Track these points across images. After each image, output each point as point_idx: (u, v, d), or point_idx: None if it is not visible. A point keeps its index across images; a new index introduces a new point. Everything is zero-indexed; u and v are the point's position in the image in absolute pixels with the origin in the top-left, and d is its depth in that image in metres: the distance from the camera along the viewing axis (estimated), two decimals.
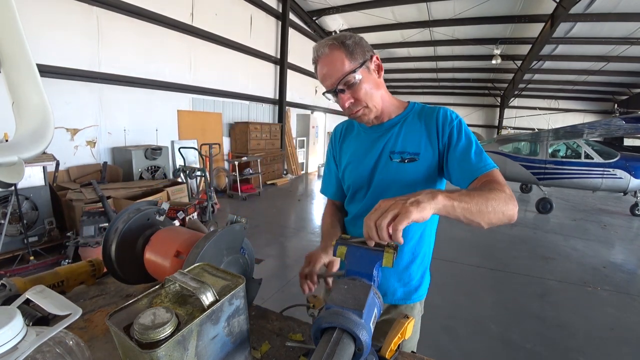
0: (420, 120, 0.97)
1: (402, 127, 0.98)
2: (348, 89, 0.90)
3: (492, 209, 0.72)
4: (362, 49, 0.90)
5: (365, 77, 0.90)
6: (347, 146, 1.10)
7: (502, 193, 0.76)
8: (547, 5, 7.36)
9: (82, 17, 4.51)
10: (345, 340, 0.50)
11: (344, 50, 0.87)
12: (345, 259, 0.71)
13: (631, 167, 6.04)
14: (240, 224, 0.82)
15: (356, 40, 0.90)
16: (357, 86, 0.89)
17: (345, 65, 0.87)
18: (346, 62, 0.87)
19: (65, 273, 0.93)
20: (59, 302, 0.48)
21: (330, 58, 0.88)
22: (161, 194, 4.16)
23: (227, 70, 7.33)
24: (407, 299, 1.05)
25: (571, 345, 2.46)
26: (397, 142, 0.97)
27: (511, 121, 15.93)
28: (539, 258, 4.23)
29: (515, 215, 0.79)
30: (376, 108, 0.95)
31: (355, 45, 0.89)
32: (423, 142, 0.95)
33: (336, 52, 0.88)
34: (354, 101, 0.92)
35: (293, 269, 3.57)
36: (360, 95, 0.91)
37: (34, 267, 3.06)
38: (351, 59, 0.88)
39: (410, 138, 0.96)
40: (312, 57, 0.94)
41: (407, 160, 0.94)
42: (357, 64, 0.88)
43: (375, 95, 0.93)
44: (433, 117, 0.95)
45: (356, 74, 0.88)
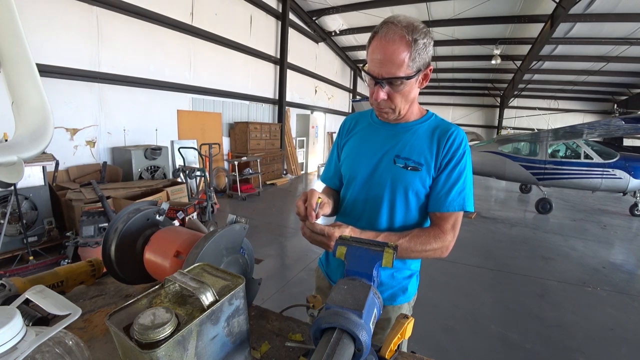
0: (434, 134, 0.96)
1: (414, 134, 0.97)
2: (389, 86, 0.86)
3: (408, 255, 0.91)
4: (426, 55, 0.84)
5: (411, 84, 0.87)
6: (356, 137, 1.08)
7: (426, 245, 0.89)
8: (547, 6, 7.37)
9: (82, 17, 4.51)
10: (345, 340, 0.50)
11: (412, 49, 0.80)
12: (345, 259, 0.71)
13: (630, 167, 6.04)
14: (240, 224, 0.82)
15: (427, 44, 0.83)
16: (399, 89, 0.86)
17: (403, 67, 0.81)
18: (405, 62, 0.81)
19: (64, 273, 0.93)
20: (58, 302, 0.48)
21: (394, 48, 0.80)
22: (161, 194, 4.16)
23: (227, 70, 7.33)
24: (393, 300, 1.05)
25: (571, 345, 2.46)
26: (404, 148, 0.96)
27: (511, 121, 15.93)
28: (538, 258, 4.23)
29: (439, 257, 0.93)
30: (401, 113, 0.94)
31: (424, 49, 0.82)
32: (428, 155, 0.94)
33: (403, 46, 0.80)
34: (387, 100, 0.89)
35: (293, 269, 3.57)
36: (396, 98, 0.88)
37: (34, 267, 3.05)
38: (412, 62, 0.82)
39: (417, 148, 0.95)
40: (376, 27, 0.84)
41: (410, 168, 0.94)
42: (413, 71, 0.83)
43: (407, 102, 0.92)
44: (446, 135, 0.94)
45: (408, 80, 0.83)
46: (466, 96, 16.94)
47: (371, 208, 1.00)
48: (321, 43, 11.33)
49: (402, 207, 0.97)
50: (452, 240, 0.93)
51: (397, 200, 0.96)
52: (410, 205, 0.97)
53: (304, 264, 3.69)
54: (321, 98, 12.23)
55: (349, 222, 0.95)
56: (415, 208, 0.98)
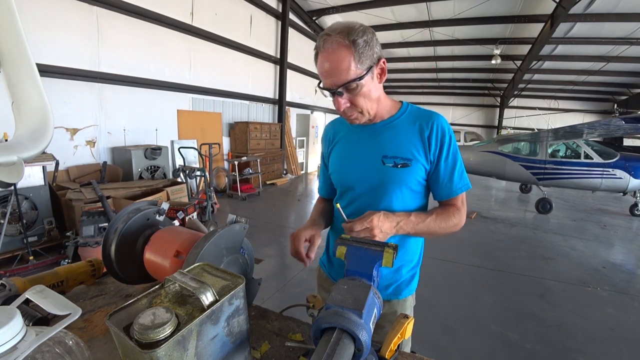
0: (414, 124, 0.96)
1: (395, 129, 0.97)
2: (347, 92, 0.86)
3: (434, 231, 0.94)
4: (371, 51, 0.83)
5: (368, 84, 0.86)
6: (338, 146, 1.08)
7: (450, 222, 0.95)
8: (547, 6, 7.36)
9: (82, 17, 4.51)
10: (345, 340, 0.50)
11: (353, 51, 0.80)
12: (345, 259, 0.71)
13: (631, 167, 6.04)
14: (240, 224, 0.82)
15: (367, 40, 0.82)
16: (356, 92, 0.86)
17: (351, 70, 0.81)
18: (352, 65, 0.81)
19: (64, 273, 0.93)
20: (58, 302, 0.48)
21: (336, 56, 0.80)
22: (161, 194, 4.16)
23: (227, 70, 7.33)
24: (398, 294, 1.06)
25: (571, 345, 2.46)
26: (389, 146, 0.96)
27: (511, 121, 15.93)
28: (538, 258, 4.23)
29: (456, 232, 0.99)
30: (370, 113, 0.93)
31: (366, 46, 0.81)
32: (415, 148, 0.94)
33: (344, 52, 0.80)
34: (351, 106, 0.89)
35: (293, 269, 3.57)
36: (359, 101, 0.88)
37: (34, 267, 3.05)
38: (358, 62, 0.81)
39: (402, 142, 0.95)
40: (316, 44, 0.85)
41: (401, 165, 0.94)
42: (363, 70, 0.83)
43: (371, 102, 0.90)
44: (429, 125, 0.94)
45: (360, 81, 0.83)
46: (466, 96, 16.94)
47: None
48: None
49: (398, 203, 0.98)
50: (464, 215, 0.99)
51: (393, 198, 0.97)
52: (406, 199, 0.98)
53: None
54: (321, 98, 12.21)
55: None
56: (411, 200, 0.99)
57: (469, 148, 7.41)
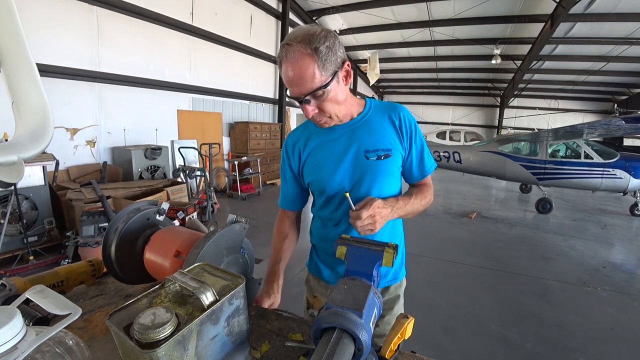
0: (383, 116, 1.01)
1: (368, 124, 1.00)
2: (314, 100, 0.86)
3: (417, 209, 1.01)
4: (335, 56, 0.82)
5: (334, 89, 0.86)
6: (313, 153, 1.04)
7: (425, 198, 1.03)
8: (547, 5, 7.36)
9: (82, 17, 4.51)
10: (345, 340, 0.50)
11: (316, 59, 0.79)
12: (345, 258, 0.71)
13: (631, 167, 6.04)
14: (240, 224, 0.82)
15: (330, 45, 0.81)
16: (324, 98, 0.86)
17: (316, 79, 0.81)
18: (317, 74, 0.80)
19: (65, 273, 0.93)
20: (58, 302, 0.48)
21: (299, 65, 0.80)
22: (161, 194, 4.16)
23: (227, 70, 7.33)
24: (396, 279, 1.14)
25: (571, 345, 2.46)
26: (368, 141, 0.98)
27: (511, 121, 15.93)
28: (538, 258, 4.23)
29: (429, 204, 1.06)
30: (338, 117, 0.94)
31: (329, 52, 0.80)
32: (392, 138, 1.00)
33: (306, 60, 0.79)
34: (319, 112, 0.90)
35: (293, 269, 3.57)
36: (326, 106, 0.88)
37: (34, 267, 3.05)
38: (322, 69, 0.81)
39: (379, 136, 0.99)
40: (278, 53, 0.84)
41: (384, 157, 0.98)
42: (328, 77, 0.82)
43: (339, 105, 0.91)
44: (397, 117, 1.00)
45: (326, 87, 0.83)
46: (466, 96, 16.94)
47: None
48: None
49: (387, 191, 1.02)
50: (432, 191, 1.09)
51: (382, 189, 1.01)
52: (392, 187, 1.04)
53: (304, 264, 3.69)
54: None
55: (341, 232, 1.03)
56: (395, 187, 1.05)
57: (469, 148, 7.41)
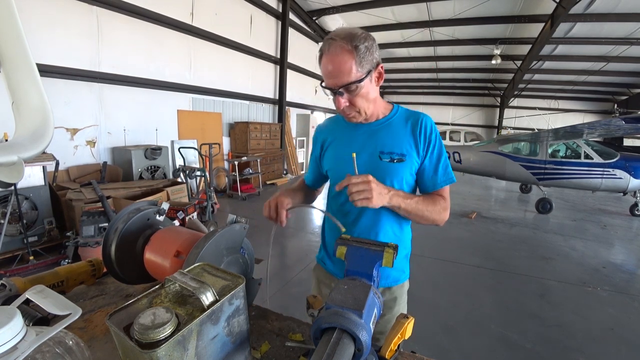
0: (406, 123, 1.04)
1: (389, 129, 1.04)
2: (347, 93, 0.93)
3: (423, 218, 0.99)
4: (372, 57, 0.91)
5: (366, 86, 0.93)
6: (334, 145, 1.13)
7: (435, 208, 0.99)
8: (547, 6, 7.36)
9: (82, 17, 4.51)
10: (345, 340, 0.50)
11: (355, 55, 0.87)
12: (345, 259, 0.71)
13: (631, 167, 6.04)
14: (240, 224, 0.82)
15: (368, 46, 0.89)
16: (356, 93, 0.93)
17: (352, 73, 0.88)
18: (353, 69, 0.88)
19: (65, 273, 0.93)
20: (58, 302, 0.48)
21: (339, 59, 0.88)
22: (161, 194, 4.16)
23: (227, 70, 7.32)
24: (398, 280, 1.15)
25: (571, 345, 2.46)
26: (385, 143, 1.03)
27: (511, 121, 15.92)
28: (538, 258, 4.23)
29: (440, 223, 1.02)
30: (367, 113, 1.00)
31: (367, 52, 0.89)
32: (409, 144, 1.02)
33: (346, 56, 0.87)
34: (350, 105, 0.96)
35: (293, 269, 3.58)
36: (357, 101, 0.95)
37: (34, 267, 3.05)
38: (359, 66, 0.88)
39: (397, 140, 1.03)
40: (320, 46, 0.94)
41: (396, 160, 1.01)
42: (363, 74, 0.90)
43: (369, 102, 0.98)
44: (417, 124, 1.02)
45: (360, 83, 0.90)
46: (466, 96, 16.93)
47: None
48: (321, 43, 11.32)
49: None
50: (448, 207, 1.03)
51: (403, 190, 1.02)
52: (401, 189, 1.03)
53: (304, 264, 3.69)
54: (321, 98, 12.21)
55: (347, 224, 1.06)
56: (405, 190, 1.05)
57: (469, 148, 7.41)
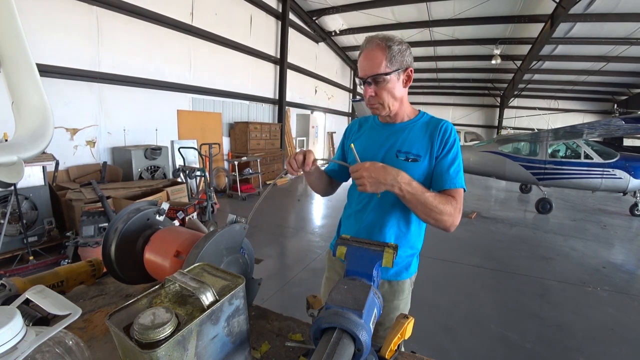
0: (427, 129, 1.11)
1: (411, 131, 1.12)
2: (374, 84, 1.05)
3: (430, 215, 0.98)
4: (402, 59, 1.03)
5: (392, 82, 1.04)
6: (361, 138, 1.23)
7: (445, 206, 0.98)
8: (547, 6, 7.36)
9: (82, 17, 4.51)
10: (345, 340, 0.50)
11: (387, 53, 1.01)
12: (345, 259, 0.71)
13: (631, 167, 6.04)
14: (240, 224, 0.82)
15: (402, 50, 1.03)
16: (382, 85, 1.04)
17: (382, 66, 1.01)
18: (383, 63, 1.01)
19: (65, 273, 0.93)
20: (58, 302, 0.48)
21: (373, 54, 1.02)
22: (161, 194, 4.16)
23: (227, 70, 7.32)
24: (397, 276, 1.17)
25: (571, 345, 2.46)
26: (404, 143, 1.10)
27: (511, 121, 15.92)
28: (538, 258, 4.23)
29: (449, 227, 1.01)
30: (390, 108, 1.09)
31: (398, 54, 1.02)
32: (425, 148, 1.08)
33: (379, 52, 1.01)
34: (375, 95, 1.06)
35: (293, 269, 3.57)
36: (382, 93, 1.06)
37: (34, 267, 3.05)
38: (388, 62, 1.01)
39: (415, 142, 1.09)
40: (361, 45, 1.07)
41: (411, 160, 1.07)
42: (390, 70, 1.02)
43: (393, 98, 1.07)
44: (437, 128, 1.09)
45: (387, 76, 1.02)
46: (466, 96, 16.93)
47: (381, 200, 1.12)
48: (321, 43, 11.32)
49: None
50: (459, 212, 1.02)
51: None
52: None
53: (304, 264, 3.69)
54: (321, 98, 12.22)
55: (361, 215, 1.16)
56: None
57: (469, 148, 7.41)
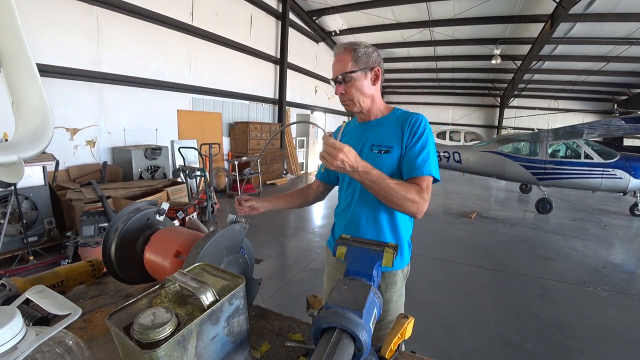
0: (398, 122, 1.17)
1: (383, 126, 1.19)
2: (344, 83, 1.13)
3: (391, 201, 1.02)
4: (368, 59, 1.13)
5: (359, 79, 1.13)
6: (344, 139, 1.29)
7: (408, 193, 1.01)
8: (547, 5, 7.36)
9: (82, 17, 4.51)
10: (345, 340, 0.50)
11: (352, 55, 1.12)
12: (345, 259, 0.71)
13: (631, 167, 6.04)
14: (240, 224, 0.82)
15: (367, 52, 1.13)
16: (350, 83, 1.13)
17: (348, 66, 1.11)
18: (350, 63, 1.11)
19: (65, 273, 0.93)
20: (58, 302, 0.48)
21: (341, 57, 1.13)
22: (161, 194, 4.16)
23: (227, 70, 7.33)
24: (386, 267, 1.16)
25: (571, 345, 2.46)
26: (377, 137, 1.17)
27: (511, 121, 15.92)
28: (538, 258, 4.23)
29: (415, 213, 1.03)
30: (360, 105, 1.16)
31: (364, 55, 1.12)
32: (395, 139, 1.14)
33: (346, 54, 1.13)
34: (344, 93, 1.15)
35: (293, 269, 3.57)
36: (350, 90, 1.14)
37: (34, 267, 3.05)
38: (354, 62, 1.11)
39: (387, 135, 1.16)
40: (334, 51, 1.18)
41: (384, 152, 1.14)
42: (356, 68, 1.11)
43: (362, 95, 1.15)
44: (407, 120, 1.14)
45: (353, 74, 1.11)
46: (466, 96, 16.92)
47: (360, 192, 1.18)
48: (321, 43, 11.32)
49: None
50: (426, 200, 1.04)
51: None
52: None
53: (304, 264, 3.69)
54: (321, 98, 12.22)
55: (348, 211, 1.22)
56: None
57: (469, 148, 7.41)
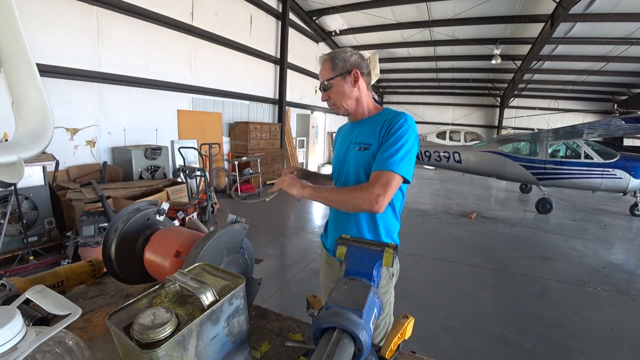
0: (381, 120, 1.21)
1: (366, 125, 1.25)
2: (327, 90, 1.24)
3: (341, 206, 1.11)
4: (345, 64, 1.20)
5: (339, 85, 1.22)
6: (339, 139, 1.42)
7: (352, 192, 1.07)
8: (547, 5, 7.36)
9: (82, 17, 4.51)
10: (345, 340, 0.50)
11: (330, 63, 1.22)
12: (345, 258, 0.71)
13: (631, 167, 6.04)
14: (240, 224, 0.82)
15: (345, 57, 1.21)
16: (332, 89, 1.24)
17: (327, 74, 1.22)
18: (328, 71, 1.22)
19: (65, 273, 0.93)
20: (58, 302, 0.48)
21: (322, 67, 1.25)
22: (161, 194, 4.16)
23: (227, 70, 7.32)
24: None
25: (571, 345, 2.46)
26: (359, 135, 1.24)
27: (511, 121, 15.91)
28: (538, 258, 4.23)
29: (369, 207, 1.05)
30: (345, 108, 1.25)
31: (341, 61, 1.20)
32: (375, 136, 1.19)
33: (326, 64, 1.23)
34: (329, 99, 1.26)
35: (293, 269, 3.57)
36: (331, 95, 1.25)
37: (34, 267, 3.05)
38: (332, 70, 1.21)
39: (368, 133, 1.21)
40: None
41: (363, 149, 1.20)
42: (334, 74, 1.21)
43: (345, 98, 1.24)
44: (389, 119, 1.19)
45: (331, 81, 1.22)
46: (466, 96, 16.92)
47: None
48: (321, 43, 11.32)
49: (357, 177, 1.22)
50: (380, 195, 1.05)
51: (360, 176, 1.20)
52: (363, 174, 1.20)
53: (304, 264, 3.69)
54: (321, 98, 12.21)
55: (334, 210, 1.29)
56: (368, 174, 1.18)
57: (469, 148, 7.41)
